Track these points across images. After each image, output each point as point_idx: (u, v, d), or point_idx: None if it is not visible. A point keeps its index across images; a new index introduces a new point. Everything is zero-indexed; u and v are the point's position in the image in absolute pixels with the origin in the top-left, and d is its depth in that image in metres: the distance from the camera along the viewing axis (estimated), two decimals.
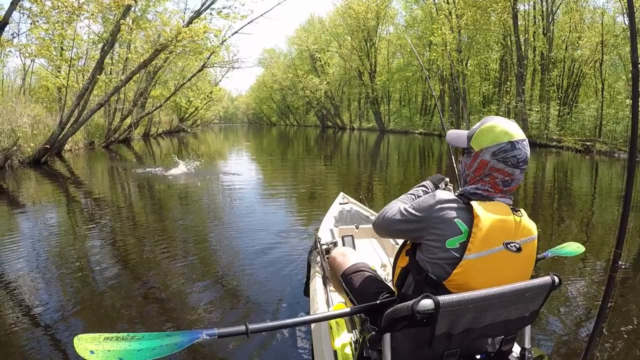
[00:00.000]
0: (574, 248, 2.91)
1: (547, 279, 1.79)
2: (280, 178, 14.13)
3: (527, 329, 2.02)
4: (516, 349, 2.15)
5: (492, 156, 1.84)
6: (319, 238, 3.97)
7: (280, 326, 2.09)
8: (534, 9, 31.69)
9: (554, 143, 27.40)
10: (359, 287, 2.36)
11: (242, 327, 1.79)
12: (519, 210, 1.85)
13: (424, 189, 2.33)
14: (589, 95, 33.17)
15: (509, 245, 1.75)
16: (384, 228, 2.07)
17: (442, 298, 1.57)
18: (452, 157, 3.46)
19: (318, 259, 3.80)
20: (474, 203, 1.75)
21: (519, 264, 1.81)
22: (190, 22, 16.94)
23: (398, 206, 2.01)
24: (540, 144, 27.97)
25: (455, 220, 1.75)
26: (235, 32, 20.23)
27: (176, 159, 14.80)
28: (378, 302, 2.08)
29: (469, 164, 1.95)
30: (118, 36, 16.61)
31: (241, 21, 23.44)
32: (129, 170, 15.27)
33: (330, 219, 4.95)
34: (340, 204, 5.50)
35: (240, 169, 15.41)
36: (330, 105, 66.65)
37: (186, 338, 1.66)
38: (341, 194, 5.84)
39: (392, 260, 2.53)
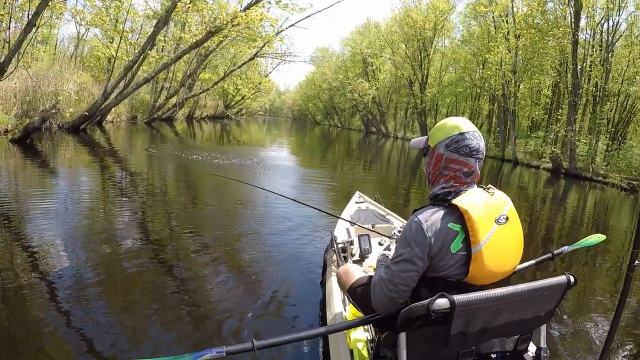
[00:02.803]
0: (595, 239, 2.95)
1: (562, 278, 1.81)
2: (316, 177, 13.61)
3: (543, 328, 2.02)
4: (532, 348, 2.14)
5: (445, 148, 1.93)
6: (335, 237, 3.99)
7: (287, 341, 1.93)
8: (593, 38, 30.49)
9: (600, 178, 26.26)
10: (365, 299, 2.26)
11: (249, 344, 1.77)
12: (489, 187, 1.95)
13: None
14: (638, 133, 31.98)
15: (499, 220, 1.83)
16: (396, 292, 1.89)
17: (458, 297, 1.56)
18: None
19: (334, 257, 3.81)
20: (455, 201, 1.81)
21: (512, 231, 1.89)
22: (248, 7, 16.69)
23: (385, 267, 1.94)
24: (585, 177, 26.99)
25: (448, 225, 1.79)
26: (292, 25, 20.17)
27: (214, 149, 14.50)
28: (380, 315, 2.01)
29: (428, 161, 2.05)
30: (173, 14, 16.49)
31: (299, 14, 23.19)
32: (167, 149, 15.09)
33: (346, 217, 4.91)
34: (356, 202, 5.54)
35: (278, 164, 15.03)
36: (377, 111, 65.98)
37: (194, 357, 1.66)
38: (357, 192, 5.86)
39: None
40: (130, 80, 17.01)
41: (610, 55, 29.66)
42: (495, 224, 1.81)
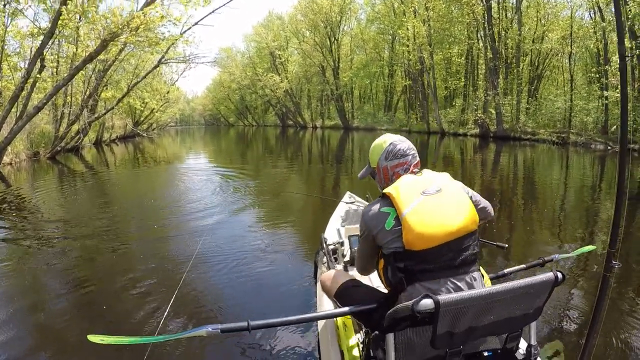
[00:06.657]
0: (585, 249, 3.14)
1: (549, 275, 1.79)
2: (242, 185, 11.97)
3: (533, 325, 2.01)
4: (522, 346, 2.13)
5: (385, 160, 2.31)
6: (325, 238, 4.00)
7: (281, 323, 2.09)
8: (498, 2, 31.38)
9: (529, 136, 27.41)
10: (351, 300, 2.40)
11: (244, 323, 1.90)
12: (419, 171, 2.28)
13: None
14: (547, 89, 33.79)
15: (426, 192, 2.07)
16: (364, 262, 2.40)
17: (442, 297, 1.59)
18: None
19: (325, 259, 3.82)
20: (385, 190, 2.15)
21: (448, 199, 2.08)
22: (145, 5, 14.46)
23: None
24: (514, 137, 27.96)
25: (381, 209, 2.11)
26: (197, 23, 18.52)
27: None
28: (372, 306, 2.18)
29: (379, 179, 2.40)
30: (62, 28, 14.06)
31: (203, 9, 21.42)
32: (77, 184, 13.00)
33: (336, 218, 4.99)
34: (347, 203, 5.50)
35: (201, 175, 13.66)
36: (291, 103, 64.93)
37: (190, 332, 1.89)
38: (347, 193, 5.82)
39: None
40: (22, 112, 14.46)
41: (520, 15, 30.54)
42: (421, 196, 2.04)
